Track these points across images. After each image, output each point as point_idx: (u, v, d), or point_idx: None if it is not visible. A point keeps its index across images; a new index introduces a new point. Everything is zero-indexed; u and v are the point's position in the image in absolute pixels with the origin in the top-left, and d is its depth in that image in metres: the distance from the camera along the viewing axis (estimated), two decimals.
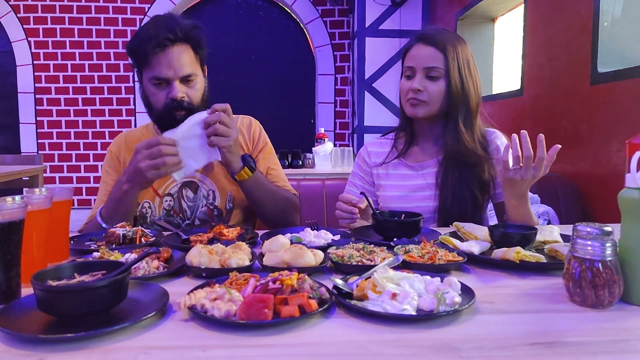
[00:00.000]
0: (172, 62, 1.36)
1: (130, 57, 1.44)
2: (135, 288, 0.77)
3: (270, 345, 0.62)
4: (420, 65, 1.40)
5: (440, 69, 1.38)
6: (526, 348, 0.60)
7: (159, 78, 1.37)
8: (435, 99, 1.40)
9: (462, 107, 1.40)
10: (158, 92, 1.39)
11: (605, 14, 2.11)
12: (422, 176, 1.49)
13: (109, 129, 5.15)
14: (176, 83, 1.37)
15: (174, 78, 1.37)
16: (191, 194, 1.50)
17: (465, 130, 1.40)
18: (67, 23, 5.03)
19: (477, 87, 1.44)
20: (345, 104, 5.33)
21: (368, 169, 1.59)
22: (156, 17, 1.42)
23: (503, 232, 1.06)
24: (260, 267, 0.93)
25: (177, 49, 1.37)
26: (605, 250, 0.73)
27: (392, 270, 0.80)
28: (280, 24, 5.39)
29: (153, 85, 1.39)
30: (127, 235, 1.14)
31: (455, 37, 1.44)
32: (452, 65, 1.38)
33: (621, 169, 1.92)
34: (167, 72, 1.36)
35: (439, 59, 1.38)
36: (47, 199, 0.90)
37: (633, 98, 1.91)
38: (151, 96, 1.41)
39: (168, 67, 1.36)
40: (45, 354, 0.59)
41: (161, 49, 1.34)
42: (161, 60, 1.35)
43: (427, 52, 1.40)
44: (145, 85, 1.42)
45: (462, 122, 1.41)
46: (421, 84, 1.39)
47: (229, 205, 1.50)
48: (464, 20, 3.84)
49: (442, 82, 1.39)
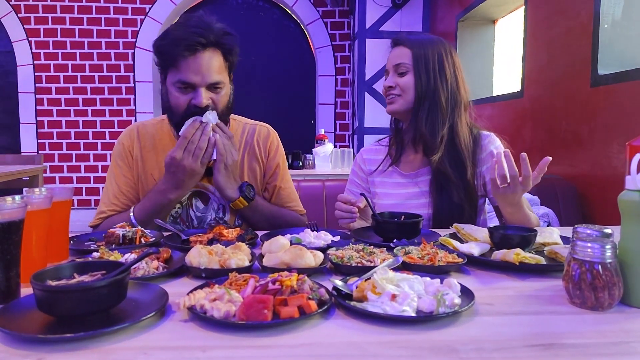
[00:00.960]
0: (200, 68, 1.30)
1: (156, 56, 1.37)
2: (135, 288, 0.76)
3: (270, 346, 0.62)
4: (391, 64, 1.49)
5: (407, 64, 1.45)
6: (525, 350, 0.60)
7: (185, 82, 1.31)
8: (407, 92, 1.45)
9: (427, 100, 1.43)
10: (181, 97, 1.33)
11: (605, 16, 2.11)
12: (416, 184, 1.50)
13: (109, 129, 5.15)
14: (202, 90, 1.31)
15: (201, 85, 1.31)
16: (201, 204, 1.47)
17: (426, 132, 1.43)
18: (67, 23, 5.03)
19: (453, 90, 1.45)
20: (345, 105, 5.33)
21: (364, 175, 1.61)
22: (188, 18, 1.36)
23: (503, 233, 1.06)
24: (260, 268, 0.93)
25: (207, 55, 1.31)
26: (605, 252, 0.73)
27: (392, 272, 0.80)
28: (281, 25, 5.40)
29: (177, 89, 1.33)
30: (127, 235, 1.14)
31: (433, 39, 1.48)
32: (419, 59, 1.44)
33: (621, 171, 1.92)
34: (194, 77, 1.30)
35: (405, 55, 1.45)
36: (47, 199, 0.90)
37: (633, 100, 1.91)
38: (173, 99, 1.35)
39: (196, 72, 1.30)
40: (45, 354, 0.59)
41: (191, 53, 1.28)
42: (190, 65, 1.29)
43: (396, 52, 1.49)
44: (169, 88, 1.36)
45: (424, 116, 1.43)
46: (392, 80, 1.47)
47: (238, 222, 1.47)
48: (464, 21, 3.84)
49: (410, 76, 1.45)
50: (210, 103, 1.34)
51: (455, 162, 1.42)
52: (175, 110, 1.35)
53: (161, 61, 1.35)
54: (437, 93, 1.43)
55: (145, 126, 1.52)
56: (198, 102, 1.32)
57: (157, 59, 1.37)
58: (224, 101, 1.38)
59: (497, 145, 1.47)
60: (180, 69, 1.30)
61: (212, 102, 1.35)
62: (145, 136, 1.49)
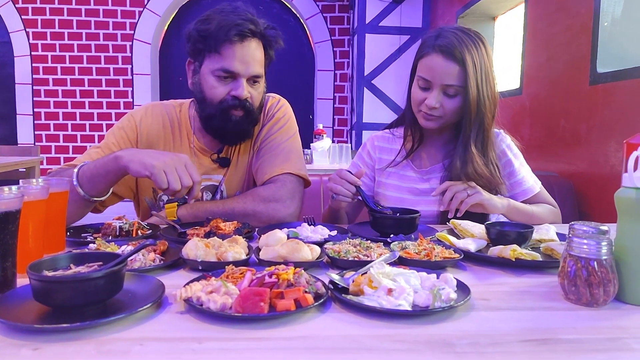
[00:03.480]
0: (247, 57, 1.24)
1: (194, 41, 1.28)
2: (132, 280, 0.76)
3: (266, 338, 0.62)
4: (438, 81, 1.31)
5: (458, 87, 1.30)
6: (520, 345, 0.61)
7: (228, 71, 1.24)
8: (451, 114, 1.35)
9: (476, 125, 1.34)
10: (219, 86, 1.26)
11: (605, 14, 2.11)
12: (427, 181, 1.47)
13: (107, 122, 5.13)
14: (243, 80, 1.26)
15: (244, 75, 1.25)
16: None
17: (476, 152, 1.33)
18: (65, 14, 5.00)
19: (494, 94, 1.36)
20: (344, 101, 5.32)
21: (371, 162, 1.55)
22: (234, 5, 1.28)
23: (499, 230, 1.07)
24: (257, 261, 0.93)
25: (254, 44, 1.26)
26: (600, 249, 0.73)
27: (389, 266, 0.80)
28: (280, 19, 5.37)
29: (217, 77, 1.26)
30: (124, 227, 1.14)
31: (475, 42, 1.32)
32: (472, 80, 1.29)
33: (619, 169, 1.93)
34: (239, 66, 1.23)
35: (458, 75, 1.29)
36: (43, 190, 0.90)
37: (632, 98, 1.92)
38: (209, 89, 1.27)
39: (242, 61, 1.23)
40: (41, 344, 0.59)
41: (240, 39, 1.22)
42: (237, 53, 1.23)
43: (446, 68, 1.29)
44: (205, 76, 1.27)
45: (474, 142, 1.34)
46: (438, 100, 1.32)
47: None
48: (464, 18, 3.84)
49: (459, 98, 1.33)
50: (249, 96, 1.28)
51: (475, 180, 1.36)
52: (210, 101, 1.28)
53: (202, 46, 1.26)
54: (485, 112, 1.33)
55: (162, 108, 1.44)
56: (239, 94, 1.25)
57: (194, 45, 1.28)
58: (260, 98, 1.33)
59: (508, 143, 1.45)
60: (224, 55, 1.23)
61: (250, 98, 1.28)
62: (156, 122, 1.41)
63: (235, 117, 1.28)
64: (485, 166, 1.34)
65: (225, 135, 1.35)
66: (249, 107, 1.29)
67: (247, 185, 1.47)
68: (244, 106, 1.28)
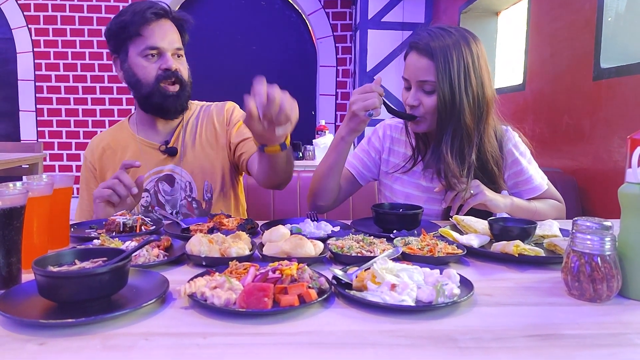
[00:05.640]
0: (166, 33, 1.38)
1: (112, 38, 1.41)
2: (136, 275, 0.77)
3: (270, 333, 0.62)
4: (413, 78, 1.31)
5: (433, 82, 1.27)
6: (523, 340, 0.61)
7: (153, 47, 1.36)
8: (432, 113, 1.31)
9: (450, 124, 1.28)
10: (149, 65, 1.38)
11: (609, 10, 2.10)
12: (432, 180, 1.45)
13: (109, 118, 5.13)
14: (169, 54, 1.38)
15: (168, 49, 1.38)
16: (168, 187, 1.47)
17: (450, 158, 1.28)
18: (67, 10, 4.99)
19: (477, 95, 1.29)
20: (346, 96, 5.31)
21: (379, 148, 1.53)
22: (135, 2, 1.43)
23: (502, 225, 1.07)
24: (260, 257, 0.93)
25: (168, 23, 1.40)
26: (604, 244, 0.73)
27: (392, 262, 0.80)
28: (282, 15, 5.36)
29: (144, 57, 1.37)
30: (127, 223, 1.15)
31: (455, 39, 1.28)
32: (441, 76, 1.25)
33: (622, 165, 1.92)
34: (161, 42, 1.37)
35: (429, 69, 1.27)
36: (48, 186, 0.91)
37: (636, 94, 1.91)
38: (141, 70, 1.38)
39: (162, 37, 1.37)
40: (46, 339, 0.59)
41: (155, 18, 1.36)
42: (155, 30, 1.36)
43: (419, 64, 1.29)
44: (133, 61, 1.39)
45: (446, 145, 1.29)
46: (415, 97, 1.31)
47: (207, 196, 1.47)
48: (467, 13, 3.82)
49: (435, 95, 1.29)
50: (178, 68, 1.39)
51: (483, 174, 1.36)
52: (145, 81, 1.39)
53: (124, 35, 1.38)
54: (463, 111, 1.27)
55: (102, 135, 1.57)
56: (168, 66, 1.37)
57: (116, 38, 1.40)
58: (187, 72, 1.44)
59: (515, 141, 1.42)
60: (145, 35, 1.36)
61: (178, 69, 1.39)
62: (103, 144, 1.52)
63: (171, 92, 1.39)
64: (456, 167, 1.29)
65: (165, 111, 1.43)
66: (181, 78, 1.40)
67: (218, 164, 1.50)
68: (177, 77, 1.39)
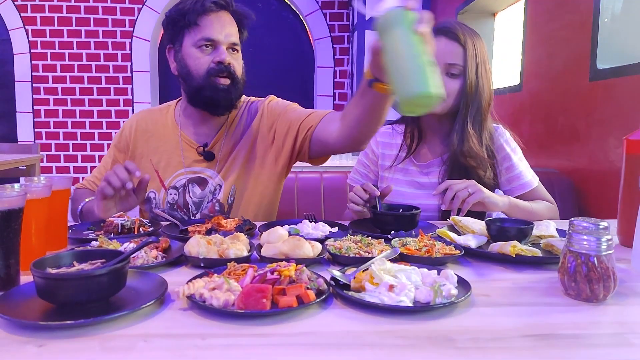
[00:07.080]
0: (224, 26, 1.34)
1: (169, 25, 1.38)
2: (134, 277, 0.77)
3: (268, 334, 0.62)
4: (442, 61, 1.35)
5: (461, 66, 1.35)
6: (521, 340, 0.61)
7: (209, 39, 1.33)
8: (452, 96, 1.37)
9: (473, 107, 1.38)
10: (202, 56, 1.34)
11: (605, 11, 2.11)
12: (426, 175, 1.49)
13: (107, 119, 5.12)
14: (224, 47, 1.34)
15: (224, 42, 1.34)
16: (198, 190, 1.45)
17: (473, 132, 1.38)
18: (64, 11, 4.98)
19: (490, 85, 1.41)
20: (344, 97, 5.31)
21: (375, 158, 1.57)
22: None
23: (500, 226, 1.07)
24: (258, 258, 0.93)
25: (228, 16, 1.37)
26: (600, 244, 0.74)
27: (390, 263, 0.80)
28: (279, 16, 5.36)
29: (198, 48, 1.34)
30: (125, 225, 1.15)
31: (474, 32, 1.40)
32: (471, 62, 1.35)
33: (618, 165, 1.93)
34: (218, 34, 1.33)
35: (459, 54, 1.35)
36: (46, 188, 0.91)
37: (632, 95, 1.92)
38: (194, 61, 1.34)
39: (219, 30, 1.33)
40: (45, 341, 0.59)
41: (215, 9, 1.34)
42: (213, 22, 1.33)
43: (449, 48, 1.36)
44: (188, 51, 1.35)
45: (471, 122, 1.38)
46: None
47: (230, 199, 1.47)
48: (464, 14, 3.83)
49: (460, 79, 1.37)
50: (232, 62, 1.35)
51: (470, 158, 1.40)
52: (196, 73, 1.35)
53: (181, 23, 1.35)
54: (480, 99, 1.38)
55: (147, 114, 1.55)
56: (222, 59, 1.33)
57: (174, 25, 1.37)
58: (240, 68, 1.41)
59: (507, 138, 1.47)
60: (203, 25, 1.33)
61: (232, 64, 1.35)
62: (144, 123, 1.52)
63: (222, 86, 1.35)
64: (479, 144, 1.39)
65: (215, 105, 1.40)
66: (233, 73, 1.36)
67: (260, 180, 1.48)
68: (229, 72, 1.35)
